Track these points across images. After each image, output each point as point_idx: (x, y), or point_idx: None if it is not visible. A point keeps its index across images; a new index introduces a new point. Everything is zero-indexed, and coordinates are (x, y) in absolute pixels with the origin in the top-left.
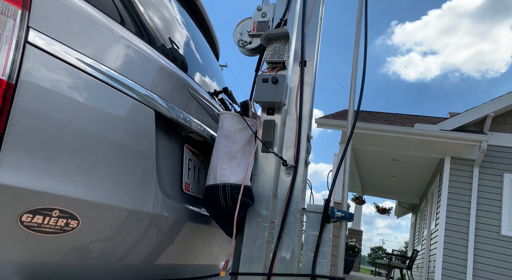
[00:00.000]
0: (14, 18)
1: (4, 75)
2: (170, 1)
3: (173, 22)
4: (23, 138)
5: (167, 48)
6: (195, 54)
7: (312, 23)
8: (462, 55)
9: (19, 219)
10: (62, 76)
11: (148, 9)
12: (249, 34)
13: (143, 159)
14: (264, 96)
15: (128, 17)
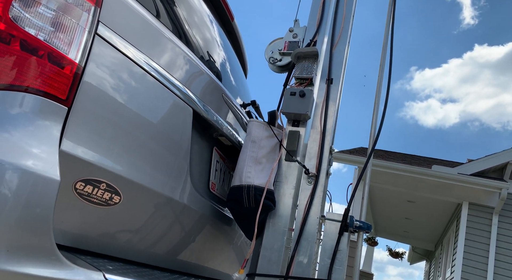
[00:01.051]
0: (88, 12)
1: (77, 59)
2: (210, 19)
3: (211, 37)
4: (85, 115)
5: (205, 59)
6: (228, 68)
7: (340, 45)
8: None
9: (74, 186)
10: (120, 66)
11: (191, 22)
12: (280, 52)
13: (180, 151)
14: (291, 107)
15: (176, 27)
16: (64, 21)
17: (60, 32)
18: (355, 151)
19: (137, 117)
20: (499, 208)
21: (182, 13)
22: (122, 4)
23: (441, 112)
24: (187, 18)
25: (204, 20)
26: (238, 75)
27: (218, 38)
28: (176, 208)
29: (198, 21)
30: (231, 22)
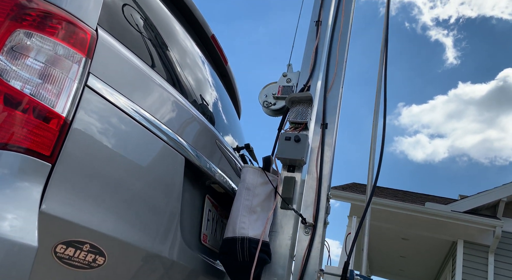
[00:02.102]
0: (78, 64)
1: (64, 112)
2: (203, 62)
3: (204, 81)
4: (70, 171)
5: (198, 103)
6: (221, 111)
7: (334, 90)
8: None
9: (53, 250)
10: (110, 118)
11: (183, 67)
12: (274, 96)
13: (170, 203)
14: (286, 153)
15: (168, 72)
16: (52, 73)
17: (48, 85)
18: (348, 187)
19: (126, 170)
20: (495, 246)
21: (175, 58)
22: (114, 54)
23: (430, 147)
24: (181, 62)
25: (198, 64)
26: (232, 117)
27: (212, 81)
28: (164, 265)
29: (192, 65)
30: (225, 66)
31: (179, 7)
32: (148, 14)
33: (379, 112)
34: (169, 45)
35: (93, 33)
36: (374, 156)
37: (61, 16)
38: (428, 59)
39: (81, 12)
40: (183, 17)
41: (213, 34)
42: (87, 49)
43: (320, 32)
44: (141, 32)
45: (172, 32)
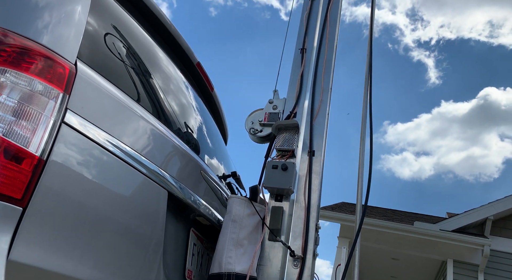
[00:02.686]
0: (55, 100)
1: (38, 151)
2: (188, 89)
3: (189, 108)
4: (43, 214)
5: (182, 131)
6: (207, 138)
7: (320, 117)
8: (454, 157)
9: None
10: (88, 154)
11: (167, 95)
12: (260, 123)
13: (152, 240)
14: (273, 182)
15: (151, 102)
16: (27, 110)
17: (22, 123)
18: (337, 207)
19: (105, 209)
20: (484, 265)
21: (159, 87)
22: (93, 87)
23: (416, 164)
24: (164, 91)
25: (182, 92)
26: (218, 144)
27: (197, 109)
28: None
29: (176, 94)
30: (211, 92)
31: (163, 35)
32: (131, 42)
33: (365, 132)
34: (152, 74)
35: (72, 67)
36: (363, 177)
37: (38, 51)
38: (411, 79)
39: (60, 46)
40: (168, 45)
41: (198, 62)
42: (64, 84)
43: (305, 60)
44: (124, 61)
45: (156, 61)
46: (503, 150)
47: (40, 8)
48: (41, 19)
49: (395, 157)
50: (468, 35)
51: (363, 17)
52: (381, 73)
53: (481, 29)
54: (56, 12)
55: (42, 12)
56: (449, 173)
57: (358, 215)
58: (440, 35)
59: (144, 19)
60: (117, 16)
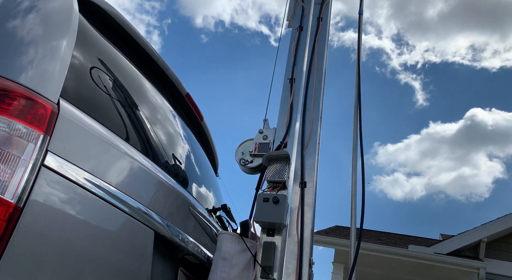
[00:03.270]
0: (35, 143)
1: (14, 198)
2: (176, 121)
3: (177, 140)
4: (17, 265)
5: (170, 165)
6: (196, 170)
7: (310, 147)
8: (445, 178)
9: None
10: (69, 197)
11: (155, 128)
12: (251, 153)
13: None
14: (265, 216)
15: (137, 136)
16: (4, 155)
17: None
18: (331, 231)
19: (88, 252)
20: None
21: (146, 121)
22: (76, 127)
23: (408, 185)
24: (152, 125)
25: (170, 125)
26: (208, 175)
27: (185, 140)
28: None
29: (164, 127)
30: (201, 122)
31: (151, 67)
32: (118, 76)
33: (357, 154)
34: (139, 107)
35: (54, 107)
36: (356, 200)
37: (18, 92)
38: (399, 101)
39: (42, 85)
40: (156, 77)
41: (188, 93)
42: (46, 125)
43: (294, 89)
44: (110, 95)
45: (143, 94)
46: (492, 169)
47: (24, 45)
48: (24, 57)
49: (387, 178)
50: (452, 59)
51: (350, 42)
52: (370, 96)
53: (464, 53)
54: (40, 49)
55: (25, 50)
56: (440, 193)
57: (353, 241)
58: (426, 59)
59: (131, 51)
60: (103, 49)
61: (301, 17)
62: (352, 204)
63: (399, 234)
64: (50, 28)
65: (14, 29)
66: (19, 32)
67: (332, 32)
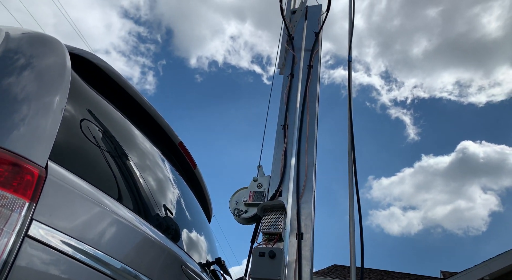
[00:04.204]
0: (19, 212)
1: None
2: (168, 171)
3: (168, 191)
4: None
5: (161, 219)
6: (188, 221)
7: (306, 195)
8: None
9: None
10: (54, 266)
11: (147, 182)
12: (245, 203)
13: None
14: (261, 272)
15: (128, 192)
16: None
17: None
18: (329, 271)
19: None
20: None
21: (137, 175)
22: (64, 190)
23: (404, 219)
24: (143, 178)
25: (162, 175)
26: (201, 225)
27: (177, 190)
28: None
29: (155, 178)
30: (194, 169)
31: (143, 118)
32: (109, 130)
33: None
34: (131, 161)
35: (42, 171)
36: (354, 240)
37: (4, 159)
38: (391, 135)
39: (31, 149)
40: (148, 127)
41: (181, 141)
42: (32, 192)
43: (287, 136)
44: (100, 150)
45: (135, 146)
46: (487, 202)
47: (14, 105)
48: (13, 117)
49: (383, 212)
50: (439, 94)
51: (340, 79)
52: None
53: (451, 89)
54: (31, 107)
55: (14, 110)
56: (437, 227)
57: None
58: (414, 94)
59: (123, 103)
60: (95, 103)
61: (292, 65)
62: (351, 243)
63: (399, 273)
64: (43, 86)
65: (4, 88)
66: (9, 91)
67: (322, 69)
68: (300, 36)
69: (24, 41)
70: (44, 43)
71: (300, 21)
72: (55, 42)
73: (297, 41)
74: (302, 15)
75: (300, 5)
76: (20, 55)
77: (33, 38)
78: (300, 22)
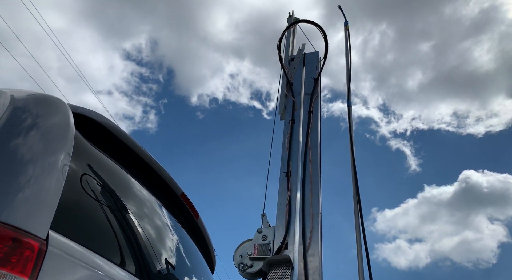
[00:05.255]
0: None
1: None
2: (169, 223)
3: (171, 246)
4: None
5: (163, 276)
6: (191, 274)
7: (313, 247)
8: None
9: None
10: None
11: (149, 238)
12: (250, 257)
13: None
14: None
15: (130, 255)
16: None
17: None
18: None
19: None
20: None
21: (140, 235)
22: (64, 260)
23: (411, 252)
24: (146, 235)
25: (164, 232)
26: (204, 277)
27: (178, 243)
28: None
29: (157, 236)
30: (196, 220)
31: (145, 172)
32: (111, 185)
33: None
34: (134, 220)
35: (42, 244)
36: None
37: (2, 235)
38: (392, 166)
39: (31, 221)
40: (150, 180)
41: (183, 192)
42: (31, 268)
43: (291, 183)
44: (102, 208)
45: (138, 203)
46: (495, 233)
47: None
48: (17, 183)
49: (389, 245)
50: (438, 126)
51: (339, 111)
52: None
53: (448, 120)
54: (37, 169)
55: (17, 176)
56: (446, 260)
57: None
58: (413, 126)
59: (125, 158)
60: (96, 160)
61: (292, 110)
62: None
63: None
64: (47, 147)
65: (11, 150)
66: (14, 153)
67: (321, 103)
68: (299, 81)
69: (29, 102)
70: (48, 104)
71: (298, 68)
72: (59, 102)
73: (296, 86)
74: (300, 62)
75: (298, 52)
76: (26, 117)
77: (38, 99)
78: (298, 68)
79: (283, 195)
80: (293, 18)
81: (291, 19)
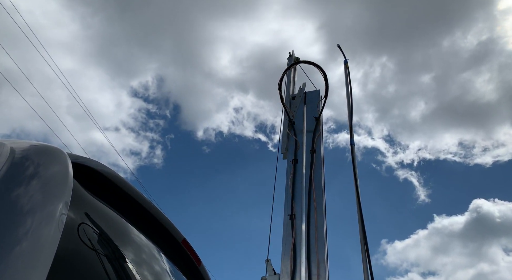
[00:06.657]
0: None
1: None
2: (168, 266)
3: None
4: None
5: None
6: None
7: None
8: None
9: None
10: None
11: None
12: None
13: None
14: None
15: None
16: None
17: None
18: None
19: None
20: None
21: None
22: None
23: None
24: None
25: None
26: None
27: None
28: None
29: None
30: (198, 266)
31: (145, 219)
32: (110, 234)
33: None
34: (130, 263)
35: None
36: None
37: None
38: (400, 197)
39: None
40: (150, 229)
41: (184, 238)
42: None
43: (295, 227)
44: (95, 249)
45: (134, 246)
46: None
47: None
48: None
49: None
50: (444, 156)
51: (344, 142)
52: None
53: (455, 151)
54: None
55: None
56: None
57: None
58: (420, 157)
59: (123, 206)
60: (94, 209)
61: (295, 149)
62: None
63: None
64: (47, 197)
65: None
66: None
67: (325, 134)
68: (301, 120)
69: (29, 153)
70: (47, 154)
71: (300, 106)
72: (58, 152)
73: (298, 124)
74: (301, 100)
75: (299, 91)
76: (25, 168)
77: (37, 150)
78: (300, 107)
79: (288, 240)
80: (294, 58)
81: (291, 58)
